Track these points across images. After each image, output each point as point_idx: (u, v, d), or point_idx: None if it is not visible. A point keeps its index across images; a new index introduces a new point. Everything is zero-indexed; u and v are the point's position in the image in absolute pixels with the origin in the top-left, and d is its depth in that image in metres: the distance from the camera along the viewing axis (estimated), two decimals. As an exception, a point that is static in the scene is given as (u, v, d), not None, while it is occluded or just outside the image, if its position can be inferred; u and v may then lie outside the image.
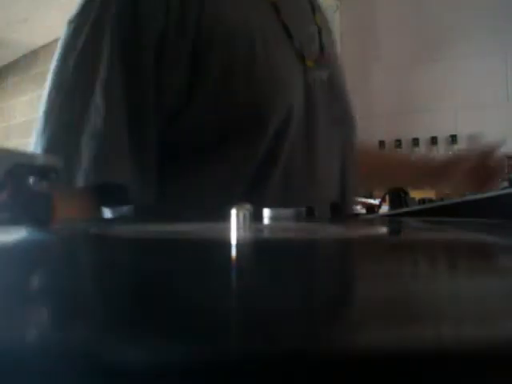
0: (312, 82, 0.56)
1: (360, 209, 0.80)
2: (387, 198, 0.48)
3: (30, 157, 0.26)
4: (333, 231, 0.30)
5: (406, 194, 0.47)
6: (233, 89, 0.48)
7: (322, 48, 0.59)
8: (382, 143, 1.77)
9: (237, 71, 0.48)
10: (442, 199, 0.49)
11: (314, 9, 0.61)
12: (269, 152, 0.50)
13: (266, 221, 0.36)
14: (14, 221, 0.25)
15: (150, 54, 0.46)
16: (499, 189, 0.46)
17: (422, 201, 0.47)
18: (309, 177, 0.54)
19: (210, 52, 0.48)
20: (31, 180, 0.26)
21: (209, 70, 0.48)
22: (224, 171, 0.49)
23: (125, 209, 0.45)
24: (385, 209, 0.50)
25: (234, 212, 0.26)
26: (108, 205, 0.46)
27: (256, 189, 0.49)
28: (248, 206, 0.26)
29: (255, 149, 0.49)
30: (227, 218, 0.26)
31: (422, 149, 1.86)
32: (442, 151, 1.82)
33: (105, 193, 0.45)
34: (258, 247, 0.22)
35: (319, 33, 0.59)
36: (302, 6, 0.60)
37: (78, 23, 0.48)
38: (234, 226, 0.26)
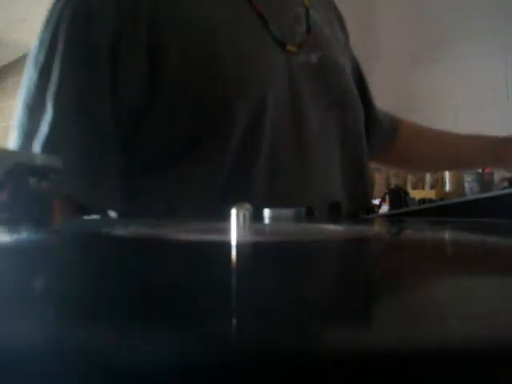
0: (296, 68, 0.53)
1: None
2: (387, 198, 0.48)
3: (30, 157, 0.26)
4: (328, 232, 0.30)
5: (406, 194, 0.47)
6: (195, 86, 0.46)
7: (309, 29, 0.56)
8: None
9: (198, 66, 0.47)
10: (442, 199, 0.49)
11: None
12: (245, 148, 0.47)
13: (264, 221, 0.36)
14: (13, 221, 0.25)
15: (105, 57, 0.45)
16: (499, 189, 0.46)
17: (422, 201, 0.47)
18: (300, 171, 0.51)
19: (168, 48, 0.46)
20: (31, 180, 0.26)
21: (168, 67, 0.46)
22: (198, 175, 0.47)
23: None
24: (385, 209, 0.50)
25: (233, 212, 0.26)
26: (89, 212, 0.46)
27: (236, 191, 0.46)
28: (248, 206, 0.26)
29: (228, 147, 0.47)
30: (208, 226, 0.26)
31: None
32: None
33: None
34: (254, 249, 0.22)
35: (307, 14, 0.57)
36: None
37: (41, 37, 0.49)
38: (233, 227, 0.26)
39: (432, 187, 1.79)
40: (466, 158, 0.72)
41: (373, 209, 0.49)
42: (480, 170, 1.66)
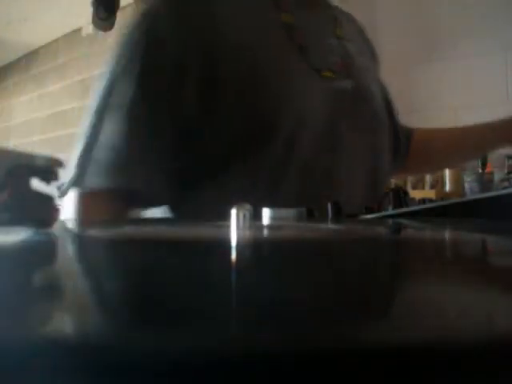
0: (332, 93, 0.57)
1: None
2: (387, 197, 0.48)
3: (30, 157, 0.26)
4: (328, 231, 0.30)
5: (406, 194, 0.47)
6: (238, 115, 0.51)
7: (342, 59, 0.61)
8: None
9: (241, 97, 0.51)
10: (442, 199, 0.49)
11: (337, 23, 0.65)
12: (280, 163, 0.52)
13: (266, 221, 0.36)
14: (14, 221, 0.25)
15: (167, 79, 0.51)
16: (499, 189, 0.46)
17: (422, 201, 0.47)
18: (329, 185, 0.55)
19: (219, 77, 0.51)
20: (31, 180, 0.26)
21: (219, 92, 0.51)
22: (232, 188, 0.52)
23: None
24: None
25: (234, 212, 0.26)
26: (134, 207, 0.51)
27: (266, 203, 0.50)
28: (248, 206, 0.26)
29: (263, 164, 0.52)
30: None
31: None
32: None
33: (131, 197, 0.49)
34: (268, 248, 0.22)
35: (340, 44, 0.62)
36: (321, 21, 0.63)
37: (119, 49, 0.54)
38: (234, 227, 0.26)
39: (432, 187, 1.79)
40: (487, 145, 0.76)
41: (372, 209, 0.49)
42: (480, 170, 1.65)
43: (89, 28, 2.90)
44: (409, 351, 0.07)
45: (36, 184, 0.26)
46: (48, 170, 0.26)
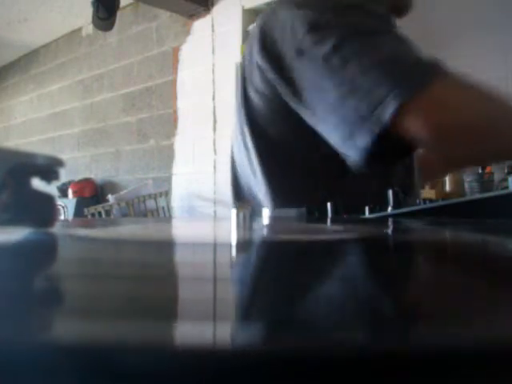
0: None
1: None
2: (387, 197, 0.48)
3: (30, 156, 0.26)
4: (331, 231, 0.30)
5: (406, 194, 0.47)
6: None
7: None
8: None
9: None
10: (442, 199, 0.49)
11: None
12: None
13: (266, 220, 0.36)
14: (14, 221, 0.25)
15: None
16: (499, 189, 0.46)
17: (422, 201, 0.46)
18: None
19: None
20: (32, 180, 0.26)
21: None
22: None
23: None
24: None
25: (234, 212, 0.26)
26: None
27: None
28: (248, 207, 0.26)
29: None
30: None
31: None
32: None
33: None
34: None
35: None
36: None
37: None
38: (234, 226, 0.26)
39: (432, 187, 1.79)
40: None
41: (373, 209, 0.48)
42: (480, 170, 1.65)
43: (89, 28, 2.90)
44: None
45: (36, 184, 0.26)
46: (49, 169, 0.26)
